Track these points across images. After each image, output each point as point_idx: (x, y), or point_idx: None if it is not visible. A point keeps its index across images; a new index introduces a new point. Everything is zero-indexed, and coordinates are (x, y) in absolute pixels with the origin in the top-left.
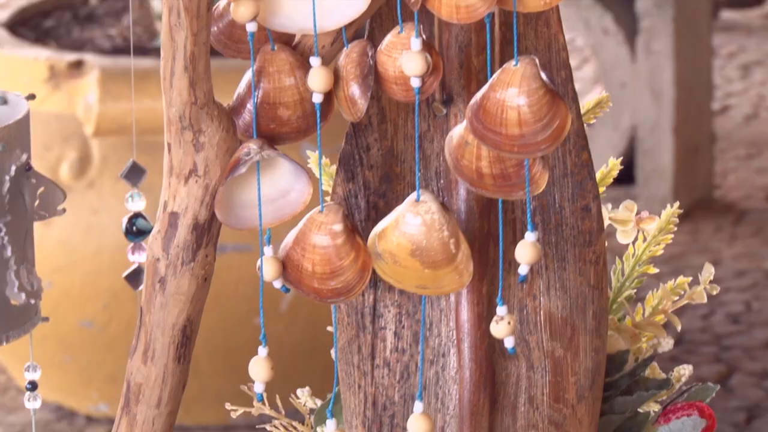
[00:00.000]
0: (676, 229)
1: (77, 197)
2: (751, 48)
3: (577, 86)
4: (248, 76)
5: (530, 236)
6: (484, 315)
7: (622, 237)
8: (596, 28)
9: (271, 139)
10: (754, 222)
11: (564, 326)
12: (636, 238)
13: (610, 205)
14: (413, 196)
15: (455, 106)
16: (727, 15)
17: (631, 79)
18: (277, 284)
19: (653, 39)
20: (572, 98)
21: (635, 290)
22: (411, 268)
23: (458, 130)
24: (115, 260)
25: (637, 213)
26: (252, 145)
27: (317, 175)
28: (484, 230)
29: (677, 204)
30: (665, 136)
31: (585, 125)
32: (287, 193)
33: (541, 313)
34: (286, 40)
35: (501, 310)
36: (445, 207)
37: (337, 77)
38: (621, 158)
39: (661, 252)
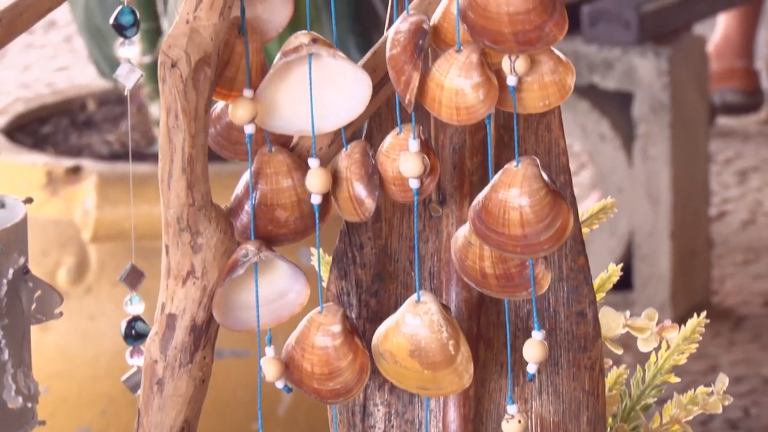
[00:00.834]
0: (701, 338)
1: (75, 303)
2: (747, 154)
3: (575, 191)
4: (246, 177)
5: (537, 335)
6: (470, 416)
7: (643, 345)
8: (593, 134)
9: (268, 240)
10: (752, 328)
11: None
12: (659, 346)
13: (628, 312)
14: (414, 297)
15: (448, 207)
16: (724, 121)
17: (628, 184)
18: (279, 384)
19: (650, 144)
20: (570, 203)
21: (655, 399)
22: (411, 368)
23: (463, 231)
24: (113, 366)
25: (659, 321)
26: (250, 247)
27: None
28: (473, 332)
29: (704, 313)
30: (662, 241)
31: (584, 230)
32: (285, 295)
33: (533, 416)
34: (283, 141)
35: (511, 408)
36: (445, 308)
37: (337, 178)
38: (620, 264)
39: (684, 361)
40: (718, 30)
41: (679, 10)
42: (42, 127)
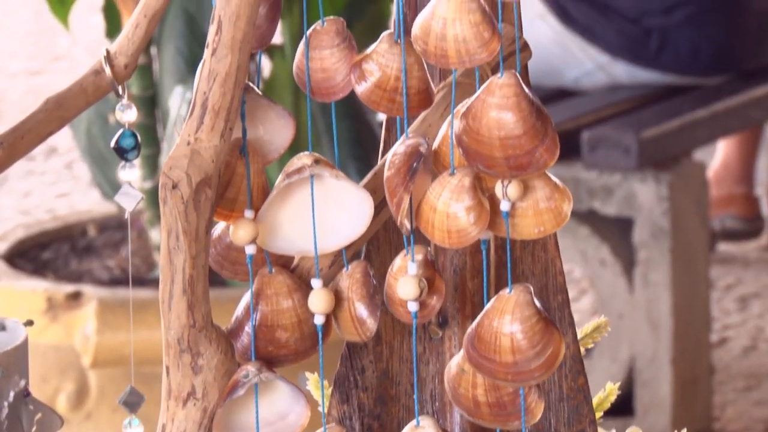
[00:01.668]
0: None
1: (75, 429)
2: (748, 280)
3: (576, 318)
4: (246, 298)
5: None
6: None
7: None
8: (593, 260)
9: (269, 361)
10: None
11: None
12: None
13: None
14: (413, 422)
15: (449, 329)
16: (724, 247)
17: (629, 310)
18: None
19: (650, 270)
20: (569, 323)
21: None
22: None
23: (456, 359)
24: None
25: None
26: (250, 368)
27: (315, 397)
28: None
29: None
30: (663, 367)
31: (582, 350)
32: (285, 416)
33: None
34: (284, 262)
35: None
36: None
37: (338, 298)
38: (618, 384)
39: None
40: (718, 156)
41: (679, 136)
42: (42, 253)
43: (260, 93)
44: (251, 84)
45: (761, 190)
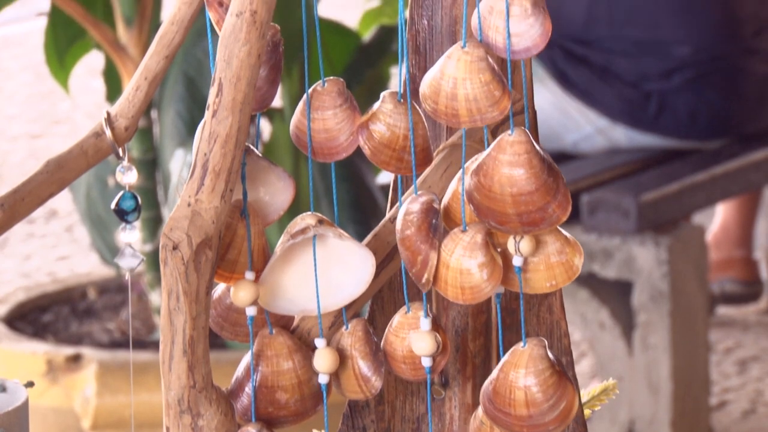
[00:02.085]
0: None
1: None
2: (747, 344)
3: None
4: (246, 359)
5: None
6: None
7: None
8: (593, 323)
9: (269, 422)
10: None
11: None
12: None
13: None
14: None
15: (450, 390)
16: (724, 311)
17: (629, 373)
18: None
19: (650, 333)
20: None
21: None
22: None
23: (480, 411)
24: None
25: None
26: (250, 429)
27: None
28: None
29: None
30: (663, 430)
31: (586, 412)
32: None
33: None
34: (284, 323)
35: None
36: None
37: (341, 357)
38: None
39: None
40: (717, 219)
41: (678, 200)
42: (42, 316)
43: (260, 155)
44: (251, 146)
45: (760, 253)
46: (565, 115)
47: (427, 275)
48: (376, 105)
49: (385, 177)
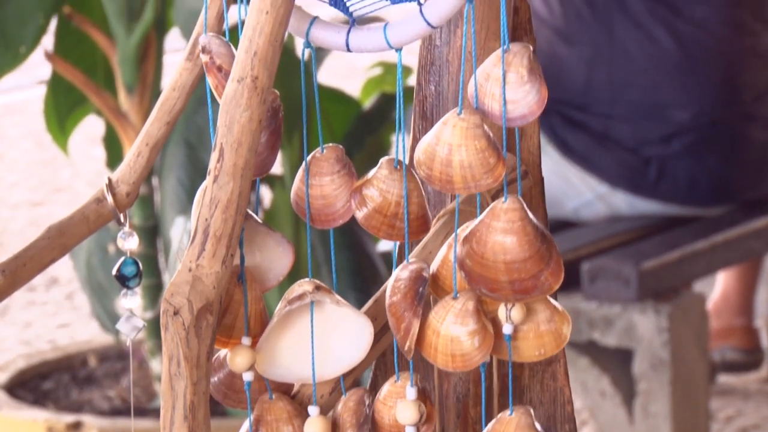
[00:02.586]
0: None
1: None
2: (748, 412)
3: None
4: (246, 425)
5: None
6: None
7: None
8: (593, 391)
9: None
10: None
11: None
12: None
13: None
14: None
15: None
16: (724, 379)
17: None
18: None
19: (651, 402)
20: None
21: None
22: None
23: None
24: None
25: None
26: None
27: None
28: None
29: None
30: None
31: None
32: None
33: None
34: (285, 389)
35: None
36: None
37: (335, 425)
38: None
39: None
40: (718, 287)
41: (679, 268)
42: (43, 383)
43: (259, 220)
44: (250, 211)
45: (761, 321)
46: (566, 182)
47: (409, 343)
48: (373, 171)
49: (385, 245)
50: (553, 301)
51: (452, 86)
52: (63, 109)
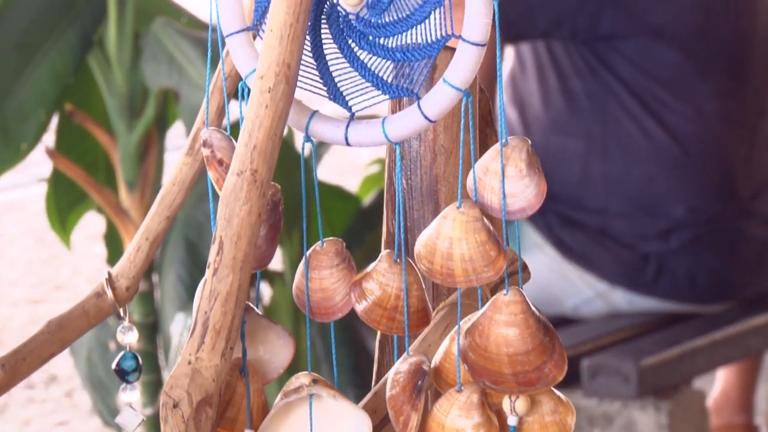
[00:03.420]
0: None
1: None
2: None
3: None
4: None
5: None
6: None
7: None
8: None
9: None
10: None
11: None
12: None
13: None
14: None
15: None
16: None
17: None
18: None
19: None
20: None
21: None
22: None
23: None
24: None
25: None
26: None
27: None
28: None
29: None
30: None
31: None
32: None
33: None
34: None
35: None
36: None
37: None
38: None
39: None
40: (718, 384)
41: (679, 365)
42: None
43: (260, 313)
44: (251, 304)
45: (761, 419)
46: (565, 280)
47: None
48: (372, 264)
49: None
50: (557, 392)
51: (425, 180)
52: (64, 205)
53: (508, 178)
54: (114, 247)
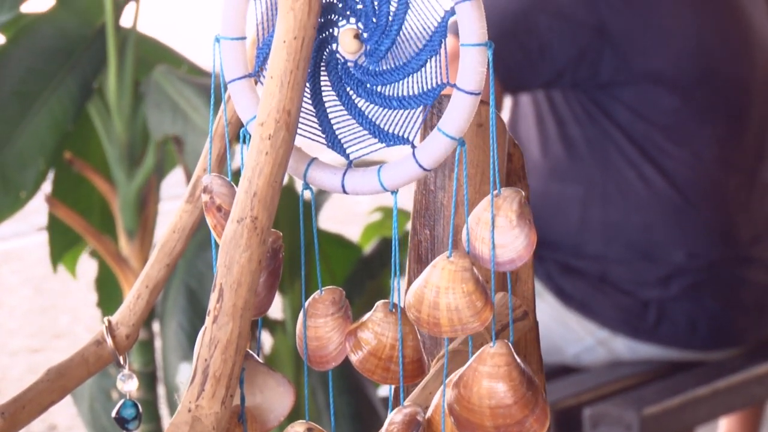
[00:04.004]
0: None
1: None
2: None
3: None
4: None
5: None
6: None
7: None
8: None
9: None
10: None
11: None
12: None
13: None
14: None
15: None
16: None
17: None
18: None
19: None
20: None
21: None
22: None
23: None
24: None
25: None
26: None
27: None
28: None
29: None
30: None
31: None
32: None
33: None
34: None
35: None
36: None
37: None
38: None
39: None
40: None
41: (681, 414)
42: None
43: (260, 360)
44: (251, 351)
45: None
46: (566, 328)
47: None
48: (368, 314)
49: (386, 389)
50: None
51: (447, 230)
52: (59, 250)
53: (498, 228)
54: (106, 291)
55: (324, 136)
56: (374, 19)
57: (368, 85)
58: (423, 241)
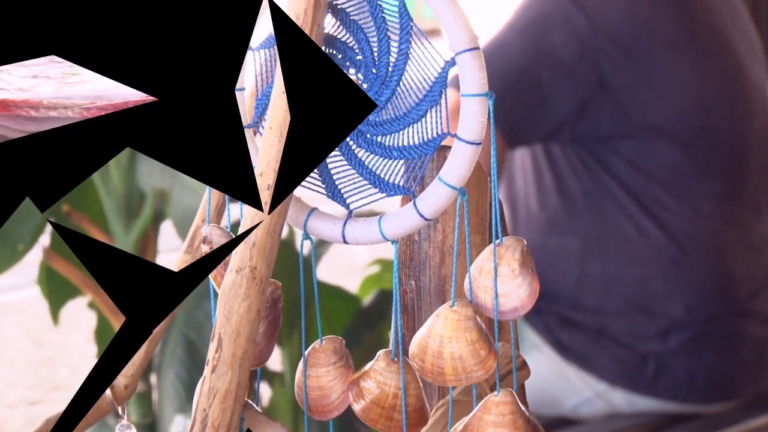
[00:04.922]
0: None
1: None
2: None
3: None
4: None
5: None
6: None
7: None
8: None
9: None
10: None
11: None
12: None
13: None
14: None
15: None
16: None
17: None
18: None
19: None
20: None
21: None
22: None
23: None
24: None
25: None
26: None
27: None
28: None
29: None
30: None
31: None
32: None
33: None
34: None
35: None
36: None
37: None
38: None
39: None
40: None
41: None
42: None
43: (259, 410)
44: (249, 401)
45: None
46: (564, 380)
47: None
48: (370, 363)
49: None
50: None
51: (434, 281)
52: (55, 301)
53: (500, 277)
54: (105, 342)
55: (324, 186)
56: (374, 70)
57: (368, 135)
58: (408, 292)
